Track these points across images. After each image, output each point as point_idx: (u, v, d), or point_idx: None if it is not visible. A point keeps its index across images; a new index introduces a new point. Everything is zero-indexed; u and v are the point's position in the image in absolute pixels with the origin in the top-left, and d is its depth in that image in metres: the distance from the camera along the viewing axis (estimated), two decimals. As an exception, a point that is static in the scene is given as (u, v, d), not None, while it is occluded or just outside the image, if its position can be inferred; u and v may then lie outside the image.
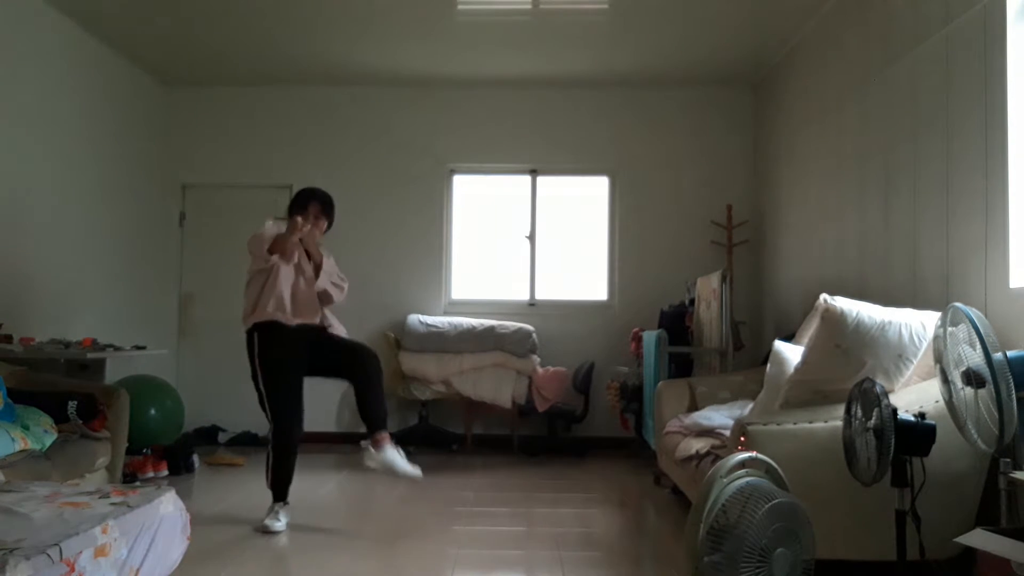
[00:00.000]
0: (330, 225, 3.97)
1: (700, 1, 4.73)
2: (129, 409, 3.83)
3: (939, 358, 2.44)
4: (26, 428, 3.27)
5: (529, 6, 4.86)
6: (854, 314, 2.78)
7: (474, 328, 5.86)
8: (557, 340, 6.14)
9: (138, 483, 4.46)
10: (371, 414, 3.72)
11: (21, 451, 3.14)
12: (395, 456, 3.67)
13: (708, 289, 5.27)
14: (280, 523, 3.61)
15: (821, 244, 4.80)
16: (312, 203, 3.86)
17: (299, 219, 3.71)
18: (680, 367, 5.41)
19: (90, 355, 4.23)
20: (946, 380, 2.41)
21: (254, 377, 3.69)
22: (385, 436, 3.70)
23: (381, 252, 6.30)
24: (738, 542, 2.06)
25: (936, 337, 2.46)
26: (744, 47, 5.48)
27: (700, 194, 6.26)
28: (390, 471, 3.66)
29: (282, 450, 3.70)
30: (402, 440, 5.90)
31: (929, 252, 3.46)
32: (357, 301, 6.58)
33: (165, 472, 4.88)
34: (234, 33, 5.32)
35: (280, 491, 3.72)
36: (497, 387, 5.72)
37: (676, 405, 4.30)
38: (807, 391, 2.87)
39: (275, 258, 3.66)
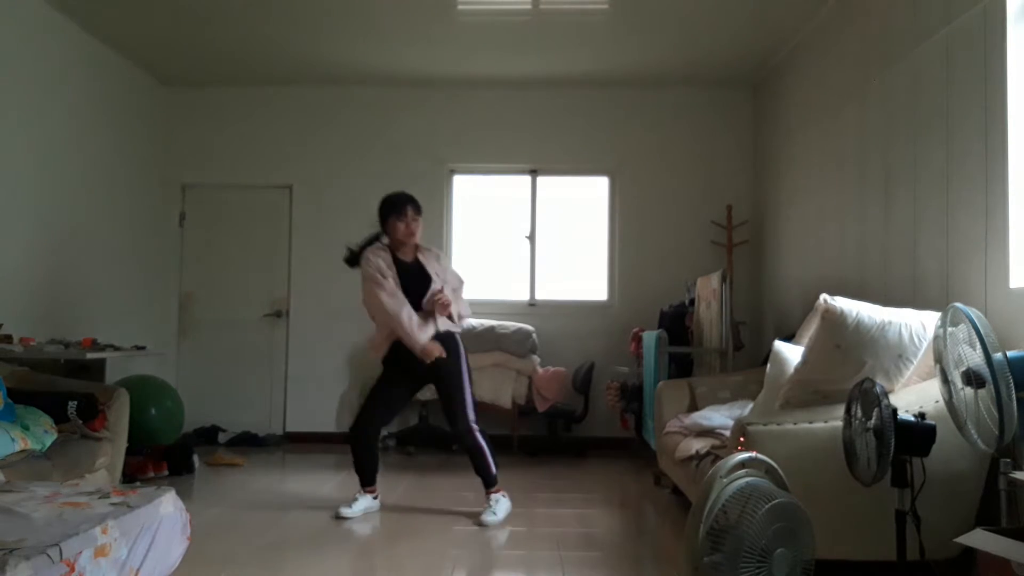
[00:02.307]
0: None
1: (700, 1, 4.74)
2: (129, 409, 3.82)
3: (939, 358, 2.44)
4: (26, 428, 3.27)
5: (529, 6, 4.85)
6: (854, 314, 2.77)
7: (474, 328, 5.85)
8: (557, 340, 6.14)
9: (138, 483, 4.46)
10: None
11: (21, 451, 3.14)
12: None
13: (708, 289, 5.26)
14: None
15: (821, 244, 4.80)
16: (408, 206, 4.04)
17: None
18: (680, 367, 5.41)
19: (90, 355, 4.23)
20: (946, 380, 2.41)
21: (463, 379, 4.05)
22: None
23: (381, 252, 6.28)
24: (738, 542, 2.06)
25: (936, 337, 2.46)
26: (744, 47, 5.48)
27: (700, 194, 6.26)
28: None
29: None
30: (402, 440, 5.97)
31: (929, 252, 3.46)
32: (357, 302, 6.60)
33: (165, 472, 4.88)
34: (234, 33, 5.31)
35: None
36: (497, 387, 5.71)
37: (676, 405, 4.30)
38: (807, 391, 2.87)
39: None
